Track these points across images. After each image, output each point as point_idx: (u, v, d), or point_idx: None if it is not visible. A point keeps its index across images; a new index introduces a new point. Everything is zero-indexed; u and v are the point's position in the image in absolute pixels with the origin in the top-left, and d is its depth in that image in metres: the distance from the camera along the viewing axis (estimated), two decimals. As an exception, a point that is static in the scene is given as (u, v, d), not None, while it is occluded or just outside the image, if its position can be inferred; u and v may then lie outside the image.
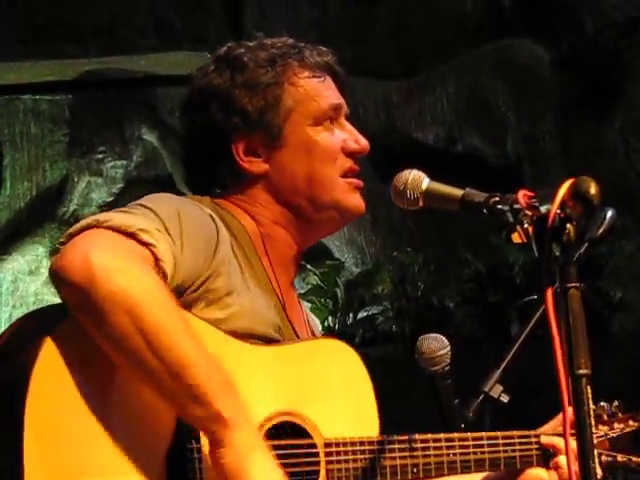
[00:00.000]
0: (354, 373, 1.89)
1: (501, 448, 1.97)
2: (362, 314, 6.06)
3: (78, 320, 1.57)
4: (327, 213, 1.89)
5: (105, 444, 1.58)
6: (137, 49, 8.33)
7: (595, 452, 1.46)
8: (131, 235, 1.56)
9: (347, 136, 1.88)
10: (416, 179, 1.63)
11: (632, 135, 8.28)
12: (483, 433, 1.94)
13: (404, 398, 5.17)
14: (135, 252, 1.56)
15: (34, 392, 1.55)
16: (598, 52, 8.40)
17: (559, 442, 1.97)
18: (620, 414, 2.13)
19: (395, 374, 5.44)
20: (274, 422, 1.72)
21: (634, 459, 2.09)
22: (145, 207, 1.66)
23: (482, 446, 1.93)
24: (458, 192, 1.63)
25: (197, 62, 2.20)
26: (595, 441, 1.65)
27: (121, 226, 1.56)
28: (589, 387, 1.49)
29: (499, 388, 1.91)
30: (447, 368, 1.87)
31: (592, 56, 8.39)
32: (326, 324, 5.96)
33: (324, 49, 1.92)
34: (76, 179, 7.96)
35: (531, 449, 2.00)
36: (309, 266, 5.89)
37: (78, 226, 1.59)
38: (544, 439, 1.99)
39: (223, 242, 1.72)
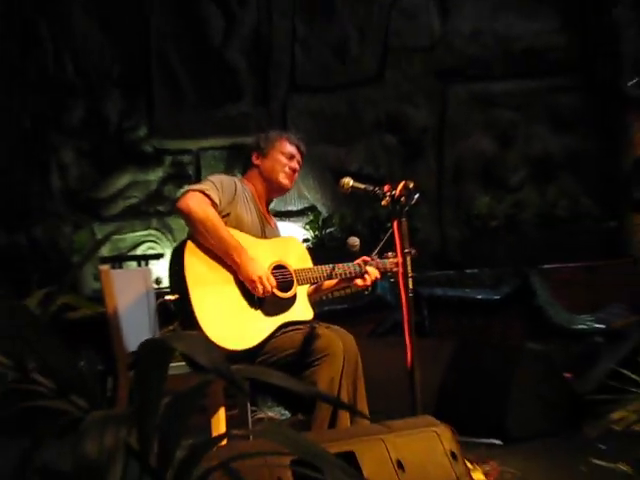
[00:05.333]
0: (301, 249, 3.77)
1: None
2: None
3: (193, 231, 3.37)
4: (276, 184, 3.80)
5: (224, 282, 3.36)
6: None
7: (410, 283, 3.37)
8: (202, 192, 3.42)
9: (292, 166, 3.79)
10: (348, 180, 3.52)
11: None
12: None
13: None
14: (204, 200, 3.39)
15: (188, 260, 3.31)
16: None
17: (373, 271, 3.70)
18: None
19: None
20: (274, 264, 3.54)
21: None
22: (210, 180, 3.54)
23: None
24: (364, 186, 3.46)
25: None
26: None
27: (199, 189, 3.42)
28: (409, 259, 3.20)
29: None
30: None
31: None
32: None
33: (300, 139, 3.87)
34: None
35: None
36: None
37: (187, 188, 3.48)
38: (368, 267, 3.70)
39: (239, 193, 3.61)
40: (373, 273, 3.69)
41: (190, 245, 3.37)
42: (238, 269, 3.37)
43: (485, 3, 7.10)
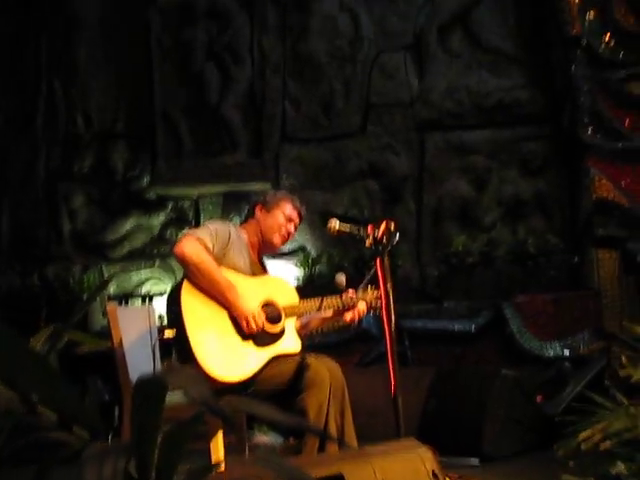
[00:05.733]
0: (289, 288, 3.68)
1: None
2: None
3: (188, 273, 3.34)
4: (269, 242, 3.75)
5: (217, 318, 3.33)
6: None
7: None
8: (196, 237, 3.37)
9: (288, 229, 3.74)
10: (334, 223, 3.46)
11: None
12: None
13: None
14: (198, 245, 3.33)
15: (184, 298, 3.28)
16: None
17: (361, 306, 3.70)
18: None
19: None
20: (263, 303, 3.48)
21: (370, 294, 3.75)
22: (206, 227, 3.53)
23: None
24: (349, 228, 3.43)
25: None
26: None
27: (194, 235, 3.39)
28: (391, 296, 3.18)
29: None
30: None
31: None
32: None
33: (301, 205, 3.81)
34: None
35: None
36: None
37: (184, 233, 3.52)
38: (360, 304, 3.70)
39: (233, 240, 3.54)
40: (361, 308, 3.68)
41: (186, 284, 3.33)
42: (230, 307, 3.34)
43: (459, 62, 7.15)
